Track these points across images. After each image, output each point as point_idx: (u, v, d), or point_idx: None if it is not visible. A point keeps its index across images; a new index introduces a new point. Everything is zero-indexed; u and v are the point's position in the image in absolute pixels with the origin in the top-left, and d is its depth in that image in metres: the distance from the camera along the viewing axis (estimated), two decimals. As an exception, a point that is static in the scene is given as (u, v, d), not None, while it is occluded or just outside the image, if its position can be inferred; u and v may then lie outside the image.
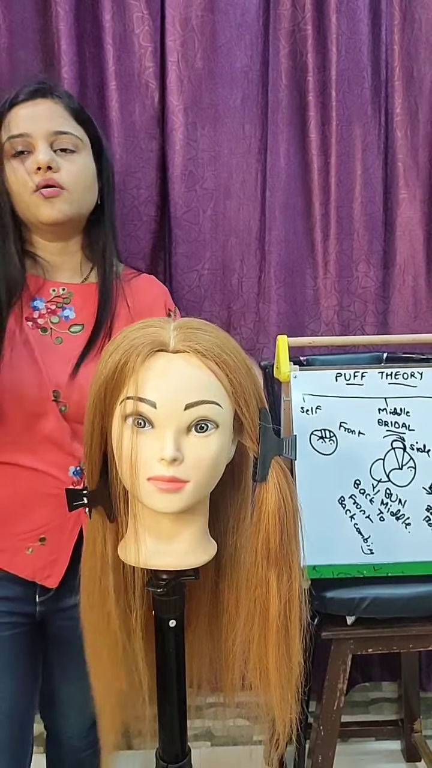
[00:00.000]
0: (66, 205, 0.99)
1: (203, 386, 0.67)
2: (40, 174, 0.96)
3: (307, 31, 1.49)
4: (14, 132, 0.97)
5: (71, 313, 1.03)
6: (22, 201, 0.99)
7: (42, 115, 0.98)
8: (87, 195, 1.02)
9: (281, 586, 0.73)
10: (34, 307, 1.02)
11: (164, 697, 0.77)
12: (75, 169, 0.99)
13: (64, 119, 1.00)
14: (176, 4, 1.46)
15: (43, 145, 0.97)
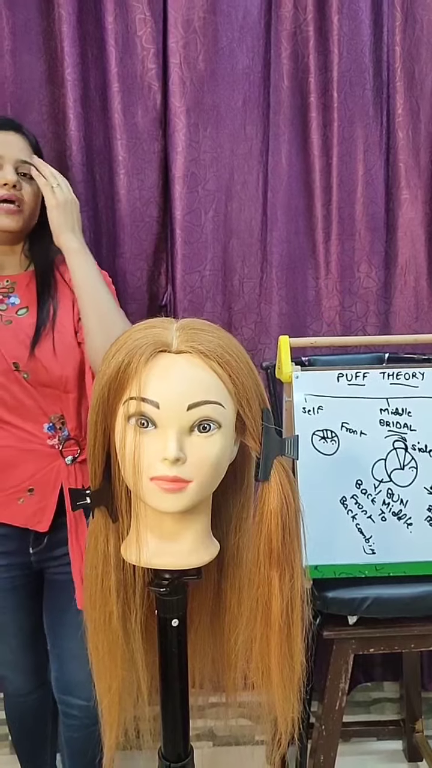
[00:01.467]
0: (20, 219, 1.20)
1: (206, 387, 0.67)
2: (6, 189, 1.17)
3: (309, 32, 1.50)
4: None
5: (16, 300, 1.22)
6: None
7: (12, 143, 1.20)
8: (34, 213, 1.24)
9: (283, 586, 0.73)
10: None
11: (167, 696, 0.77)
12: (33, 192, 1.21)
13: (28, 152, 1.22)
14: (178, 6, 1.46)
15: (10, 167, 1.18)
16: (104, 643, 0.76)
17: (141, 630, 0.77)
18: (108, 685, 0.78)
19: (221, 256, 1.56)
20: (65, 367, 1.16)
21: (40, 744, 1.45)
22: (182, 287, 1.54)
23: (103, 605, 0.75)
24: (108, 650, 0.76)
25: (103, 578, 0.75)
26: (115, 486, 0.74)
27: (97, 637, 0.76)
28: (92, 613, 0.76)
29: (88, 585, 0.77)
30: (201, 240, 1.53)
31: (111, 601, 0.75)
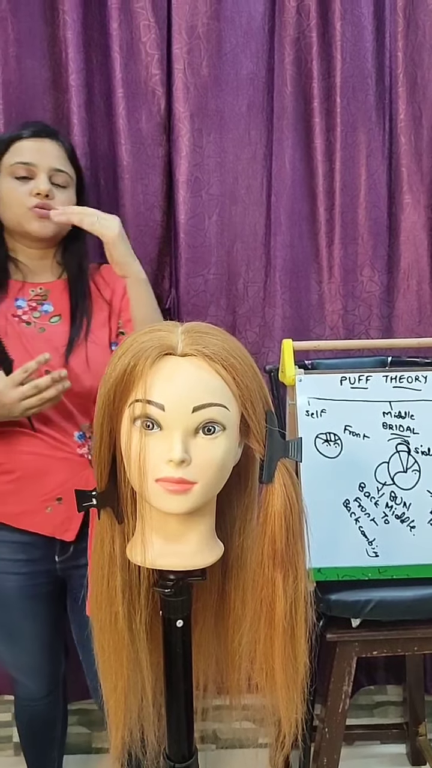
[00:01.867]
0: (53, 227, 1.19)
1: (211, 389, 0.68)
2: (40, 198, 1.16)
3: (312, 38, 1.51)
4: (22, 159, 1.17)
5: (50, 307, 1.21)
6: (14, 213, 1.18)
7: (47, 151, 1.19)
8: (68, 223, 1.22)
9: (287, 587, 0.73)
10: (17, 306, 1.20)
11: (171, 696, 0.78)
12: (64, 201, 1.20)
13: (63, 160, 1.21)
14: (182, 12, 1.48)
15: (44, 176, 1.17)
16: (110, 644, 0.77)
17: (146, 630, 0.78)
18: (114, 685, 0.78)
19: (225, 260, 1.57)
20: (97, 378, 1.12)
21: (49, 747, 1.45)
22: (186, 291, 1.55)
23: (108, 606, 0.76)
24: (114, 650, 0.77)
25: (109, 579, 0.76)
26: (121, 488, 0.74)
27: (103, 637, 0.77)
28: (98, 613, 0.77)
29: (95, 586, 0.77)
30: (205, 244, 1.54)
31: (117, 602, 0.75)
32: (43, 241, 1.20)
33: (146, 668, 0.79)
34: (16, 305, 1.20)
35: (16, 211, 1.18)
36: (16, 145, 1.18)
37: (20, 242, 1.23)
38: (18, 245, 1.24)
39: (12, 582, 1.21)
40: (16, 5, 1.46)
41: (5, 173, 1.18)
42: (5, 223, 1.21)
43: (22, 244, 1.23)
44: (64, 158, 1.21)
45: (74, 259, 1.26)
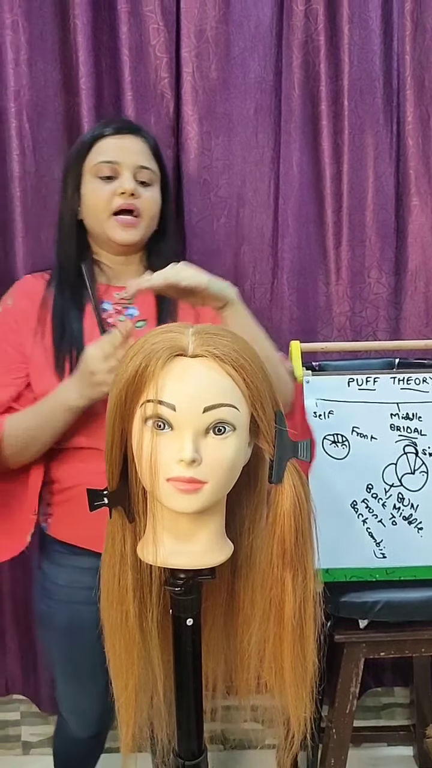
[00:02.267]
0: (138, 232, 1.14)
1: (221, 390, 0.68)
2: (124, 197, 1.11)
3: (320, 41, 1.52)
4: (105, 158, 1.12)
5: (135, 311, 1.16)
6: (98, 220, 1.13)
7: (130, 148, 1.14)
8: (153, 221, 1.17)
9: (296, 586, 0.74)
10: (103, 308, 1.16)
11: (181, 694, 0.78)
12: (150, 199, 1.15)
13: (147, 156, 1.16)
14: (191, 16, 1.49)
15: (129, 174, 1.12)
16: (121, 642, 0.77)
17: (158, 629, 0.79)
18: (125, 683, 0.79)
19: (233, 261, 1.57)
20: None
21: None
22: (194, 293, 1.55)
23: (120, 604, 0.76)
24: (125, 648, 0.77)
25: (120, 577, 0.76)
26: (132, 487, 0.75)
27: (114, 636, 0.78)
28: (109, 611, 0.77)
29: (106, 584, 0.78)
30: (213, 246, 1.55)
31: (128, 600, 0.76)
32: (127, 247, 1.16)
33: (158, 666, 0.80)
34: (102, 308, 1.16)
35: (100, 217, 1.13)
36: (99, 144, 1.14)
37: (103, 247, 1.19)
38: (101, 249, 1.19)
39: (89, 614, 0.98)
40: (28, 9, 1.47)
41: (89, 174, 1.14)
42: (88, 228, 1.17)
43: (104, 250, 1.19)
44: (148, 154, 1.16)
45: (160, 261, 1.14)
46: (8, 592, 1.69)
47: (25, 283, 1.21)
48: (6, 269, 1.57)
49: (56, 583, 1.16)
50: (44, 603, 1.19)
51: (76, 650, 1.15)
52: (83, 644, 1.06)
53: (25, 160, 1.52)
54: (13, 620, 1.71)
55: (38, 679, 1.72)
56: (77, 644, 1.12)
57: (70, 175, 1.17)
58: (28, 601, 1.67)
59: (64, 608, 1.15)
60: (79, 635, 1.09)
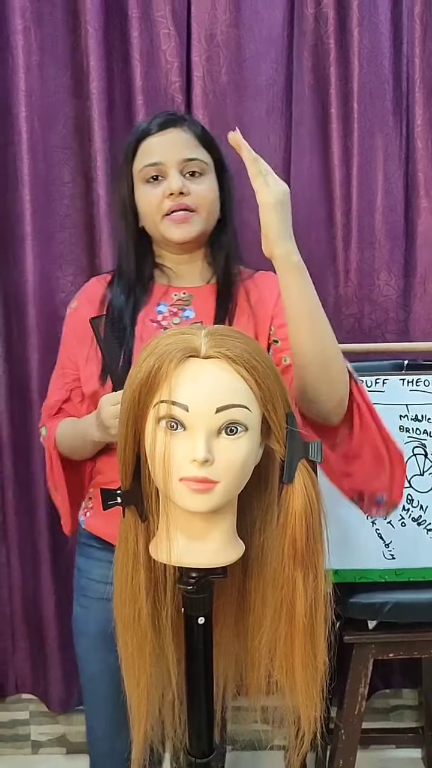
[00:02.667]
0: (194, 227, 1.07)
1: (233, 391, 0.69)
2: (173, 198, 1.05)
3: (330, 45, 1.53)
4: (149, 161, 1.07)
5: (191, 314, 1.10)
6: (153, 222, 1.09)
7: (173, 143, 1.07)
8: (212, 213, 1.10)
9: (307, 586, 0.75)
10: (158, 311, 1.11)
11: (193, 692, 0.79)
12: (202, 191, 1.07)
13: (192, 146, 1.09)
14: (202, 20, 1.50)
15: (175, 171, 1.06)
16: (133, 640, 0.78)
17: (171, 627, 0.79)
18: (137, 681, 0.80)
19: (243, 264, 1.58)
20: None
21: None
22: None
23: (132, 602, 0.77)
24: (137, 646, 0.78)
25: (133, 576, 0.77)
26: (145, 487, 0.76)
27: (127, 633, 0.78)
28: (122, 610, 0.78)
29: (119, 583, 0.79)
30: (223, 248, 1.56)
31: (140, 599, 0.77)
32: (188, 244, 1.09)
33: (172, 663, 0.80)
34: (157, 310, 1.11)
35: (154, 220, 1.08)
36: (144, 145, 1.09)
37: (165, 249, 1.13)
38: (163, 251, 1.14)
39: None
40: (39, 15, 1.49)
41: (138, 180, 1.09)
42: (148, 232, 1.12)
43: (166, 250, 1.14)
44: (194, 144, 1.09)
45: (224, 260, 1.13)
46: (18, 590, 1.71)
47: (89, 287, 1.18)
48: (16, 272, 1.59)
49: (90, 578, 1.15)
50: (80, 603, 1.17)
51: (113, 657, 1.00)
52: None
53: (35, 164, 1.53)
54: (24, 620, 1.72)
55: (48, 678, 1.73)
56: (114, 651, 1.03)
57: (120, 183, 1.13)
58: (39, 601, 1.69)
59: (99, 607, 1.09)
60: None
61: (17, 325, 1.61)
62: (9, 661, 1.76)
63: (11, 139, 1.53)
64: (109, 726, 1.12)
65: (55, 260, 1.60)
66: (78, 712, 1.78)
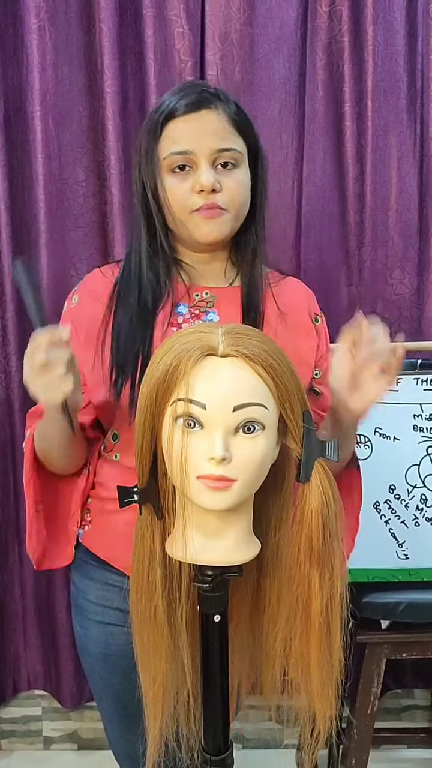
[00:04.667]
0: (225, 226, 0.95)
1: (251, 389, 0.69)
2: (204, 196, 0.92)
3: (344, 43, 1.52)
4: (176, 149, 0.93)
5: (215, 317, 1.00)
6: (178, 218, 0.96)
7: (206, 129, 0.92)
8: (243, 209, 0.98)
9: (323, 584, 0.74)
10: (178, 312, 0.99)
11: (208, 691, 0.79)
12: (235, 186, 0.95)
13: (228, 133, 0.94)
14: (216, 19, 1.50)
15: (206, 164, 0.92)
16: (150, 636, 0.78)
17: (186, 625, 0.79)
18: (153, 678, 0.80)
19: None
20: None
21: None
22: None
23: (149, 599, 0.77)
24: (153, 643, 0.79)
25: (149, 573, 0.77)
26: (162, 484, 0.76)
27: (143, 630, 0.79)
28: (138, 606, 0.79)
29: (135, 579, 0.79)
30: (236, 247, 1.56)
31: (156, 595, 0.77)
32: (214, 244, 0.97)
33: (187, 661, 0.81)
34: (177, 311, 0.99)
35: (181, 217, 0.95)
36: (170, 127, 0.94)
37: (186, 246, 1.01)
38: (182, 247, 1.02)
39: (124, 637, 0.94)
40: (53, 14, 1.49)
41: (164, 167, 0.95)
42: (171, 226, 0.99)
43: (188, 248, 1.01)
44: (227, 130, 0.94)
45: (247, 255, 1.02)
46: (31, 588, 1.72)
47: (93, 280, 1.04)
48: (31, 270, 1.59)
49: (88, 599, 1.06)
50: (79, 623, 1.10)
51: (115, 679, 1.04)
52: (123, 672, 0.99)
53: (50, 163, 1.54)
54: (36, 617, 1.73)
55: (60, 674, 1.74)
56: (116, 672, 1.03)
57: (142, 168, 0.97)
58: (50, 597, 1.69)
59: (97, 630, 1.05)
60: (117, 661, 1.01)
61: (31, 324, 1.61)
62: (21, 657, 1.77)
63: (26, 138, 1.54)
64: (121, 731, 1.09)
65: (69, 259, 1.60)
66: (90, 709, 1.79)
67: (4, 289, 1.60)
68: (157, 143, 0.95)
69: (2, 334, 1.61)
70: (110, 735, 1.14)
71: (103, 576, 1.03)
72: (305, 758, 1.49)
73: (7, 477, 1.67)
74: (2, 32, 1.51)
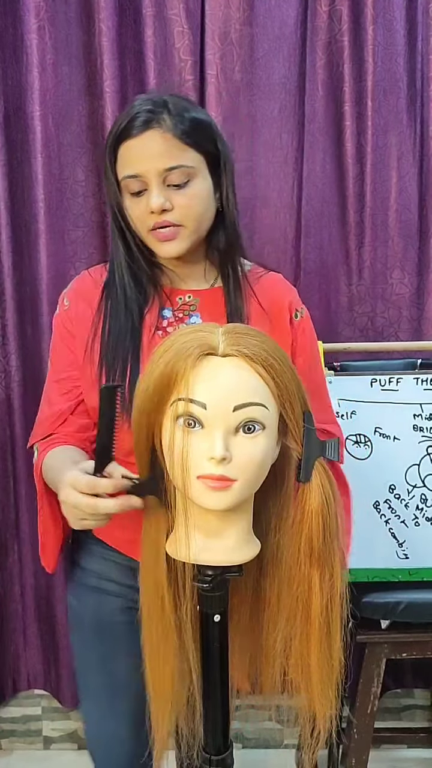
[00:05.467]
0: (182, 242, 0.97)
1: (251, 389, 0.69)
2: (154, 217, 0.95)
3: (344, 42, 1.52)
4: (128, 172, 0.95)
5: (198, 320, 1.02)
6: (142, 236, 0.99)
7: (152, 151, 0.93)
8: (203, 220, 0.99)
9: (323, 584, 0.75)
10: (162, 316, 1.02)
11: (209, 690, 0.79)
12: (188, 202, 0.95)
13: (175, 151, 0.93)
14: (215, 18, 1.50)
15: (156, 185, 0.93)
16: (158, 629, 0.78)
17: (192, 621, 0.80)
18: (161, 673, 0.80)
19: (256, 262, 1.58)
20: None
21: None
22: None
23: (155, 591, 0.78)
24: (162, 635, 0.78)
25: (156, 565, 0.78)
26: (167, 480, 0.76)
27: (152, 622, 0.79)
28: (147, 598, 0.79)
29: (144, 569, 0.79)
30: (236, 247, 1.56)
31: (163, 586, 0.77)
32: (181, 257, 1.00)
33: (193, 659, 0.81)
34: (161, 315, 1.01)
35: (141, 234, 0.98)
36: (122, 149, 0.95)
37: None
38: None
39: (115, 604, 1.02)
40: (53, 14, 1.49)
41: (123, 188, 0.97)
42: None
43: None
44: (175, 147, 0.93)
45: (222, 254, 1.03)
46: (31, 588, 1.72)
47: (82, 281, 1.07)
48: (29, 271, 1.59)
49: (86, 568, 1.08)
50: (73, 595, 1.12)
51: (105, 648, 1.05)
52: (113, 641, 1.02)
53: (50, 162, 1.54)
54: (36, 616, 1.73)
55: (60, 674, 1.74)
56: (107, 641, 1.05)
57: (107, 186, 1.01)
58: (50, 597, 1.69)
59: (92, 597, 1.07)
60: (109, 629, 1.04)
61: (31, 324, 1.62)
62: (21, 656, 1.77)
63: (25, 138, 1.54)
64: (101, 709, 1.07)
65: (69, 259, 1.60)
66: (90, 709, 1.79)
67: (4, 289, 1.60)
68: (114, 165, 0.97)
69: (2, 333, 1.61)
70: (89, 714, 1.11)
71: (102, 553, 1.06)
72: (305, 758, 1.49)
73: (7, 477, 1.67)
74: (2, 32, 1.51)
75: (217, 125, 1.01)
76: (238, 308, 1.01)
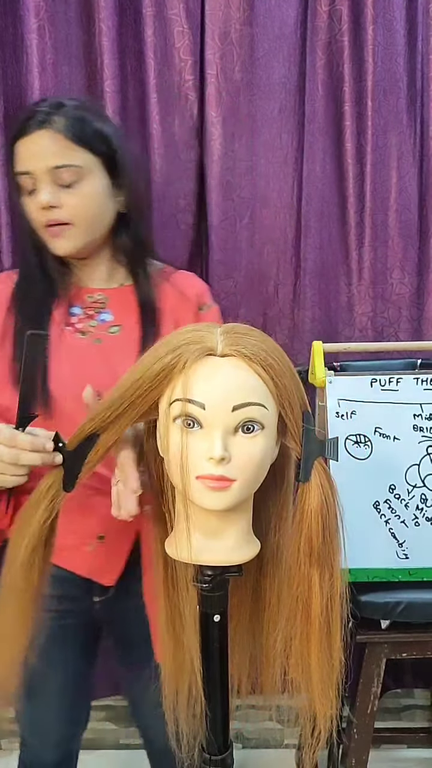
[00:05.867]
0: (72, 240, 1.00)
1: (250, 389, 0.69)
2: (44, 213, 0.97)
3: (344, 42, 1.52)
4: (19, 169, 0.98)
5: (108, 317, 1.04)
6: (39, 232, 1.02)
7: (41, 150, 0.96)
8: (96, 221, 1.01)
9: (323, 584, 0.75)
10: (71, 313, 1.04)
11: (209, 690, 0.79)
12: (77, 201, 0.98)
13: (64, 150, 0.96)
14: (216, 18, 1.50)
15: (44, 183, 0.96)
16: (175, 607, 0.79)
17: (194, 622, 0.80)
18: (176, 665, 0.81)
19: (256, 262, 1.58)
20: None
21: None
22: (217, 293, 1.56)
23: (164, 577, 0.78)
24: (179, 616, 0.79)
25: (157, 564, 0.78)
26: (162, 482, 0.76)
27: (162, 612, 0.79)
28: (159, 586, 0.79)
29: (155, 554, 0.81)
30: (236, 247, 1.56)
31: None
32: (74, 255, 1.03)
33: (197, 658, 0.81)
34: (71, 312, 1.04)
35: (39, 230, 1.01)
36: (16, 147, 0.99)
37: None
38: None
39: (50, 622, 1.00)
40: (53, 13, 1.49)
41: (21, 186, 1.01)
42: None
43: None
44: (65, 147, 0.96)
45: (129, 255, 1.07)
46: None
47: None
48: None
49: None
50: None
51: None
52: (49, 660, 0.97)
53: (50, 162, 1.54)
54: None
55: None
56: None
57: (11, 182, 1.04)
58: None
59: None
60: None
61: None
62: (21, 657, 1.77)
63: (25, 138, 1.54)
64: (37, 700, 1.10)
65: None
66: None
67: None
68: (13, 162, 1.00)
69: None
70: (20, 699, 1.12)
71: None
72: (305, 758, 1.49)
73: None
74: (2, 32, 1.51)
75: (117, 129, 1.06)
76: (150, 302, 1.04)
